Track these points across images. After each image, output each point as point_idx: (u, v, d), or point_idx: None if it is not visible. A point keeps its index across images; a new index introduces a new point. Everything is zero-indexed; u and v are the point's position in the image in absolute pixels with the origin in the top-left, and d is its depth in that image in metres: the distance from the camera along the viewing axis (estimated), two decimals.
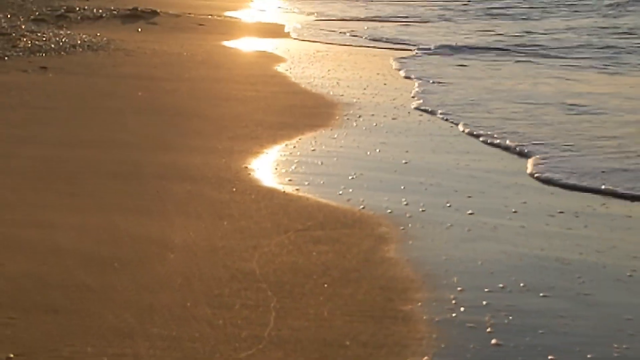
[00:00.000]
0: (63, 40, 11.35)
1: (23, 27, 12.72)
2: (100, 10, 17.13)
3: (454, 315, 3.22)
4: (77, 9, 17.52)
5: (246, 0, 30.77)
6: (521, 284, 3.56)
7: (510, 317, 3.22)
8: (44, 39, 11.32)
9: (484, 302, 3.35)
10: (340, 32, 16.99)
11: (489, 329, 3.11)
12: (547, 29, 17.51)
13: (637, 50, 13.38)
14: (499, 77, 10.28)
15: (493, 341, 3.02)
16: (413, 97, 8.58)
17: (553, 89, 9.35)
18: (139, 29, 14.80)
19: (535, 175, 5.58)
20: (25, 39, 11.03)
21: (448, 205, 4.78)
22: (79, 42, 11.39)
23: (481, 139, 6.69)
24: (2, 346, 2.80)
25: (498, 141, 6.56)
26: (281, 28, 17.58)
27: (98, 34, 12.64)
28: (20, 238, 3.90)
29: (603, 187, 5.26)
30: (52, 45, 10.72)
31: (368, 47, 13.89)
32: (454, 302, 3.35)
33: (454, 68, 11.17)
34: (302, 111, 7.57)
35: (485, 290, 3.49)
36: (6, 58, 9.49)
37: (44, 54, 10.07)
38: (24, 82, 8.15)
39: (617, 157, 6.08)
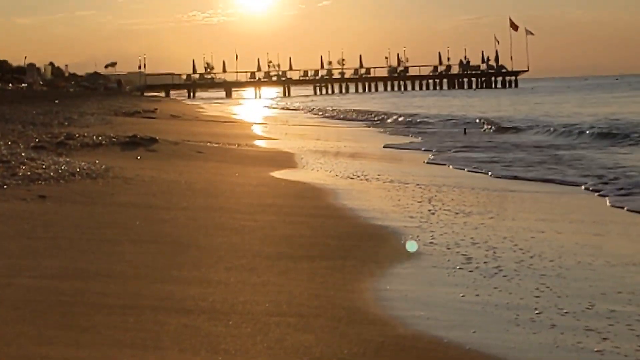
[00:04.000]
0: (62, 168, 11.43)
1: (23, 154, 12.82)
2: (100, 138, 17.31)
3: None
4: (77, 135, 17.71)
5: (250, 128, 31.24)
6: None
7: None
8: (44, 166, 11.40)
9: None
10: (349, 165, 16.45)
11: None
12: None
13: None
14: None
15: None
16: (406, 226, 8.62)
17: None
18: (138, 157, 14.94)
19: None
20: (24, 167, 11.11)
21: (445, 341, 4.75)
22: (78, 169, 11.47)
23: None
24: None
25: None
26: (284, 157, 17.64)
27: (97, 162, 12.73)
28: None
29: None
30: (51, 174, 10.79)
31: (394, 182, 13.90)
32: None
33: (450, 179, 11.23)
34: (299, 241, 7.60)
35: None
36: (5, 186, 9.55)
37: (43, 182, 10.13)
38: (23, 211, 8.19)
39: None
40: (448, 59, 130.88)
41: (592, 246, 7.93)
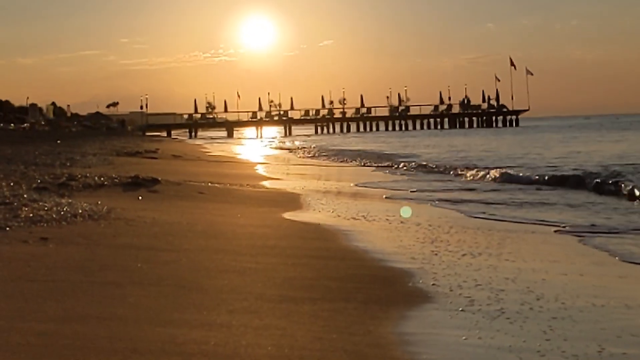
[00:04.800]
0: (64, 209, 11.43)
1: (25, 195, 12.84)
2: (102, 178, 17.33)
3: None
4: (79, 176, 17.73)
5: (251, 168, 31.28)
6: None
7: None
8: (45, 208, 11.41)
9: None
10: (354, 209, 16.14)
11: None
12: None
13: None
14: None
15: None
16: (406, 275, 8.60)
17: None
18: (140, 197, 14.94)
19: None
20: (26, 209, 11.12)
21: None
22: (80, 211, 11.47)
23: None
24: None
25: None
26: (286, 197, 17.64)
27: (99, 202, 12.74)
28: None
29: None
30: (54, 215, 10.80)
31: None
32: None
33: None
34: (301, 283, 7.58)
35: None
36: (7, 228, 9.55)
37: (45, 224, 10.13)
38: (24, 254, 8.18)
39: None
40: (449, 98, 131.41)
41: (597, 287, 7.92)
